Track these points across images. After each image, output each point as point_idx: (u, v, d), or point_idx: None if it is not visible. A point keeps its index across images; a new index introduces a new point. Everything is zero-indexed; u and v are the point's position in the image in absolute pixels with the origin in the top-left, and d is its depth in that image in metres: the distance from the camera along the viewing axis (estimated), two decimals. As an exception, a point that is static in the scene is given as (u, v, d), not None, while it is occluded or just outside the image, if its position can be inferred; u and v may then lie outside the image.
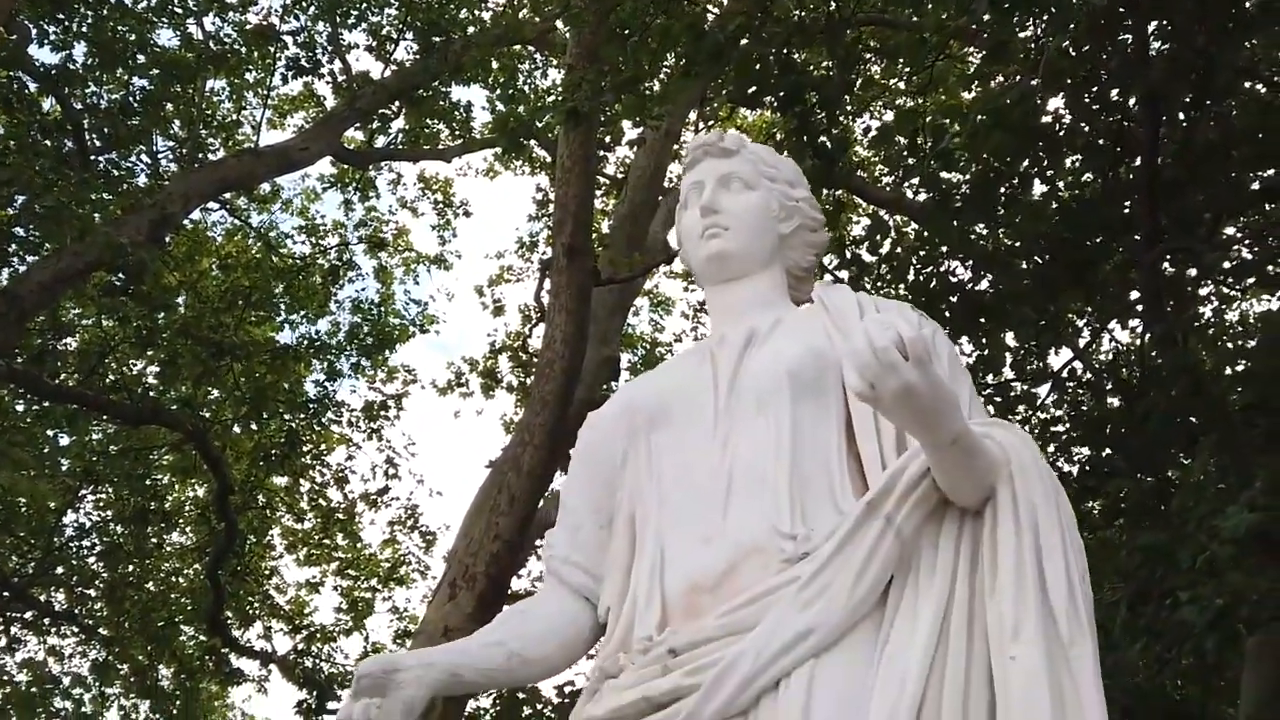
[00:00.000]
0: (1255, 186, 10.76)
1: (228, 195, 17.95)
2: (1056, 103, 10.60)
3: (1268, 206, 11.72)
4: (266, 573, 21.02)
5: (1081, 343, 12.35)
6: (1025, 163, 10.63)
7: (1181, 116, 10.17)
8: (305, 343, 19.21)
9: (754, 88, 9.84)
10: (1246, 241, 11.57)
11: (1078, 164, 11.48)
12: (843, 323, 3.23)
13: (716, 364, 3.26)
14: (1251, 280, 11.77)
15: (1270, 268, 11.03)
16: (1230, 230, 11.74)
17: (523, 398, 19.04)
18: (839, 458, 3.03)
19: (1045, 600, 2.61)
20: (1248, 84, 10.55)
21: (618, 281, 14.54)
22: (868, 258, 11.07)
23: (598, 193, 15.36)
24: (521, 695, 15.80)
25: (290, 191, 20.79)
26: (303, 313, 19.45)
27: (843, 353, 3.07)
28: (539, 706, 15.52)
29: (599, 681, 2.98)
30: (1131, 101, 10.20)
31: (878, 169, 16.49)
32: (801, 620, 2.70)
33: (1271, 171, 10.80)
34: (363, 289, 26.33)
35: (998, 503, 2.74)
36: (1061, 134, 10.64)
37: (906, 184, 12.51)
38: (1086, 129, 10.65)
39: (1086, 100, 10.34)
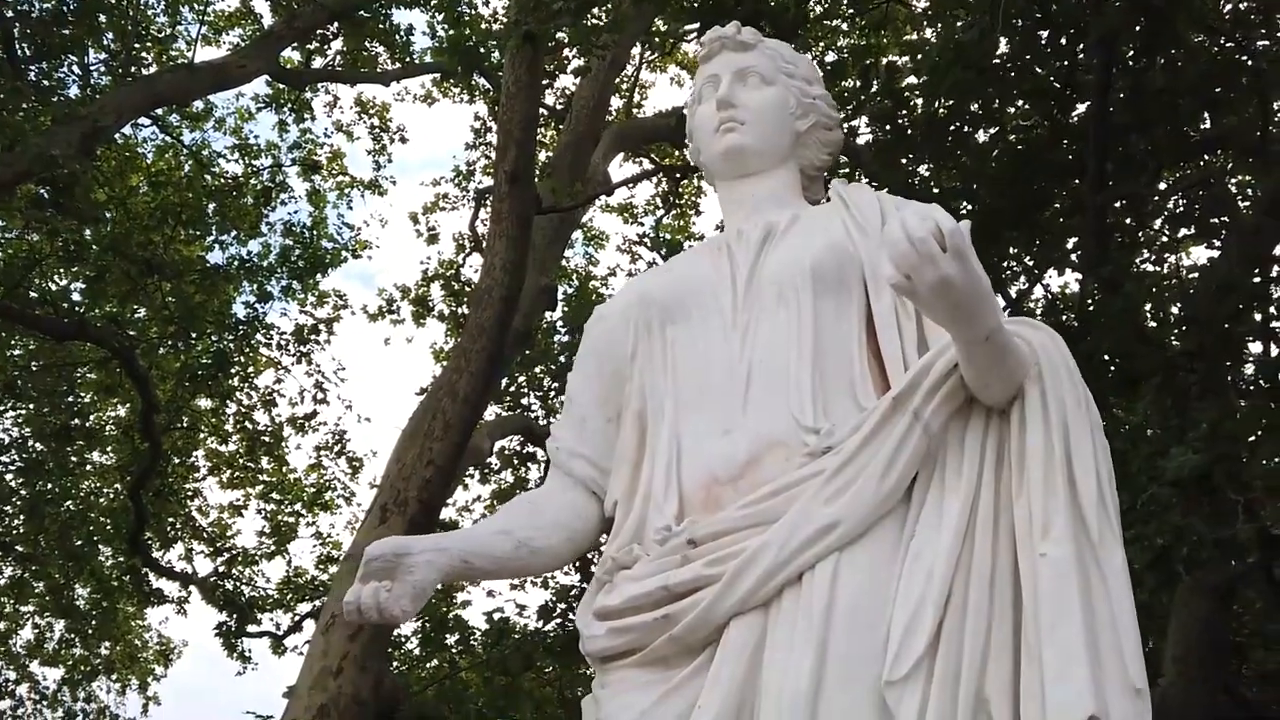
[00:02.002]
0: (1196, 138, 10.89)
1: (160, 111, 17.55)
2: (1003, 48, 10.62)
3: (1206, 158, 11.86)
4: (189, 494, 20.76)
5: (1014, 292, 12.39)
6: (975, 104, 10.66)
7: (1132, 63, 10.24)
8: (235, 264, 18.85)
9: (707, 17, 9.75)
10: (1193, 191, 11.68)
11: (1024, 107, 11.52)
12: (864, 220, 3.18)
13: (734, 258, 3.20)
14: (1190, 231, 11.90)
15: (1212, 219, 11.16)
16: (1168, 183, 11.86)
17: (454, 327, 18.90)
18: (860, 354, 2.99)
19: (1075, 499, 2.60)
20: (1196, 37, 10.63)
21: (559, 210, 14.43)
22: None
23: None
24: (446, 623, 15.81)
25: (224, 110, 20.36)
26: (234, 233, 19.05)
27: (865, 247, 3.06)
28: (465, 634, 15.52)
29: (611, 573, 2.95)
30: (1079, 48, 10.25)
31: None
32: (826, 513, 2.68)
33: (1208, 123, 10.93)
34: (295, 212, 25.94)
35: (1026, 401, 2.72)
36: (1012, 75, 10.66)
37: (853, 123, 12.49)
38: (1037, 71, 10.69)
39: (1040, 44, 10.39)
